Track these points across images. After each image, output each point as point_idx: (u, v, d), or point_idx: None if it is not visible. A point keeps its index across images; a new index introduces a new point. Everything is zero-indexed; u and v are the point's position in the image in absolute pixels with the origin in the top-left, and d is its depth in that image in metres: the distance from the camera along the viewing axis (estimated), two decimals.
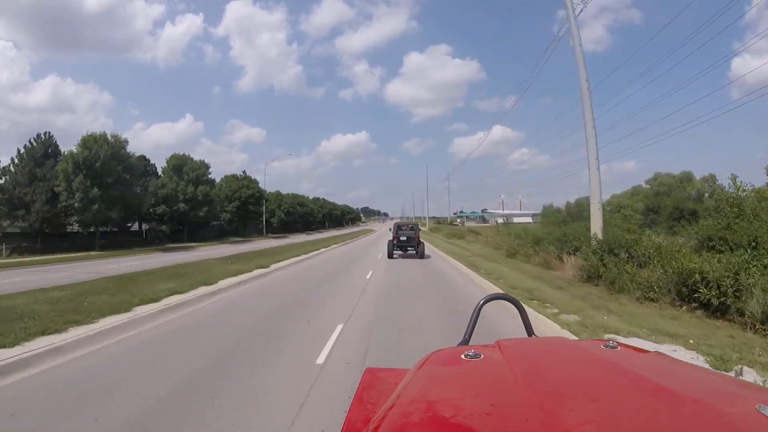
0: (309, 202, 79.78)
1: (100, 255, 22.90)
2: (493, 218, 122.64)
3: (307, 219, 73.76)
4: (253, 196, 50.50)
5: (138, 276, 12.07)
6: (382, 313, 7.69)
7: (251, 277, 12.53)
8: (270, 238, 46.65)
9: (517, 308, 1.34)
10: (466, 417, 0.64)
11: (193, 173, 38.44)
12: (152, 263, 16.93)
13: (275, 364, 4.78)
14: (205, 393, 3.92)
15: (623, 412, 0.61)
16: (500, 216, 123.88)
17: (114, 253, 23.93)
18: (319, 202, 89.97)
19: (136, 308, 7.40)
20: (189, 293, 9.13)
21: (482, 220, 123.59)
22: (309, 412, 3.53)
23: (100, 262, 19.15)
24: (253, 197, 50.31)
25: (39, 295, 8.49)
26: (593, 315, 6.93)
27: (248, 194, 49.67)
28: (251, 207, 50.04)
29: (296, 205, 67.58)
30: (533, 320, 1.93)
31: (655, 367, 0.83)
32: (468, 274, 13.50)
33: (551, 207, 54.30)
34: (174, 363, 4.84)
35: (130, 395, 3.86)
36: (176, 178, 37.33)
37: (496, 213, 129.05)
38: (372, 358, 4.97)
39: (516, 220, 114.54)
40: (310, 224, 76.43)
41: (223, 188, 48.20)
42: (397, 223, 20.40)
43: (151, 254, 24.24)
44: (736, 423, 0.56)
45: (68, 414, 3.50)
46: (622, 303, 8.10)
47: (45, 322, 5.97)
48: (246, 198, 49.33)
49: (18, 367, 4.55)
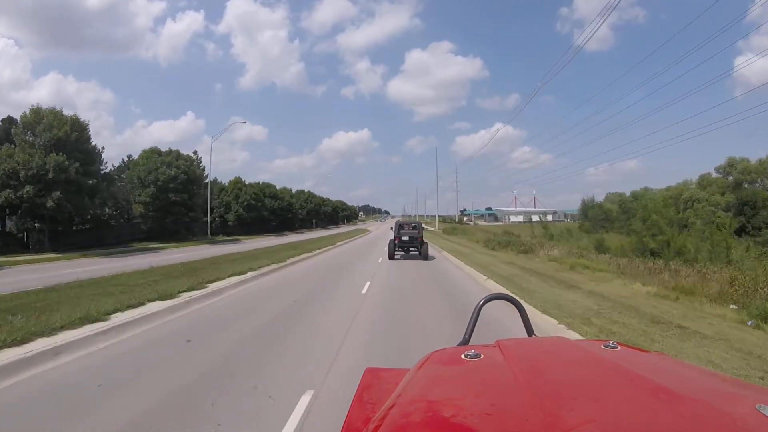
0: (287, 195, 63.50)
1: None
2: (505, 216, 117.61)
3: (284, 216, 58.49)
4: (178, 180, 31.89)
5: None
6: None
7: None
8: (206, 243, 31.39)
9: (517, 308, 1.33)
10: (467, 417, 0.64)
11: (49, 133, 21.77)
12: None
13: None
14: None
15: (623, 412, 0.61)
16: (512, 214, 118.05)
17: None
18: (303, 196, 72.63)
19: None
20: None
21: (493, 219, 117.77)
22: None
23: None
24: (177, 181, 31.88)
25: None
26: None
27: (168, 176, 31.40)
28: (174, 196, 31.82)
29: (267, 197, 51.58)
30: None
31: (656, 367, 0.84)
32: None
33: (591, 201, 46.90)
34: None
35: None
36: (27, 141, 22.07)
37: (508, 210, 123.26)
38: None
39: (535, 218, 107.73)
40: (290, 222, 61.76)
41: (139, 167, 32.20)
42: (398, 222, 19.30)
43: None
44: (736, 423, 0.56)
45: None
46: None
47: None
48: (165, 182, 31.22)
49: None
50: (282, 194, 59.22)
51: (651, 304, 8.07)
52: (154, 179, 31.28)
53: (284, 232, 52.73)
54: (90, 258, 19.92)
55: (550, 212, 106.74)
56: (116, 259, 18.99)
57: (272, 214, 53.48)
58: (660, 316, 6.87)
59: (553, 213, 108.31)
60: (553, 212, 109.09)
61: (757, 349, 5.08)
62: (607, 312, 7.23)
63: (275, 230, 52.87)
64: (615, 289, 9.79)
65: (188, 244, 29.35)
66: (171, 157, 33.09)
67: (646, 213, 18.88)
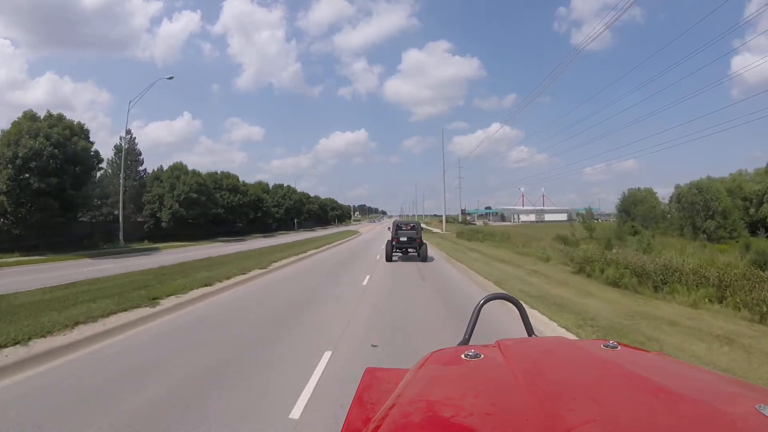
0: (258, 189, 52.06)
1: None
2: (513, 215, 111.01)
3: (252, 215, 47.86)
4: (44, 156, 20.06)
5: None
6: None
7: None
8: (85, 257, 20.05)
9: (517, 308, 1.32)
10: (467, 417, 0.64)
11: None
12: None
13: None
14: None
15: (623, 412, 0.61)
16: (521, 213, 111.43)
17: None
18: (281, 191, 59.10)
19: None
20: None
21: (500, 218, 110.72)
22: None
23: None
24: (44, 159, 20.11)
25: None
26: None
27: (32, 150, 19.74)
28: (38, 182, 20.16)
29: (223, 189, 40.89)
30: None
31: (656, 367, 0.84)
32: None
33: (638, 191, 36.94)
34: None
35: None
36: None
37: (516, 209, 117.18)
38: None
39: (548, 217, 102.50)
40: (262, 222, 51.55)
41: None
42: (396, 222, 18.40)
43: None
44: (736, 423, 0.56)
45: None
46: None
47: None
48: (25, 159, 19.86)
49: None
50: (246, 188, 47.53)
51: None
52: (13, 156, 19.64)
53: (252, 235, 42.74)
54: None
55: (562, 211, 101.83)
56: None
57: (230, 211, 41.91)
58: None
59: (566, 211, 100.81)
60: (566, 210, 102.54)
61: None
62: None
63: (240, 233, 42.51)
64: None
65: (35, 260, 17.88)
66: (47, 123, 21.09)
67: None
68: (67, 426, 3.43)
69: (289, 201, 59.08)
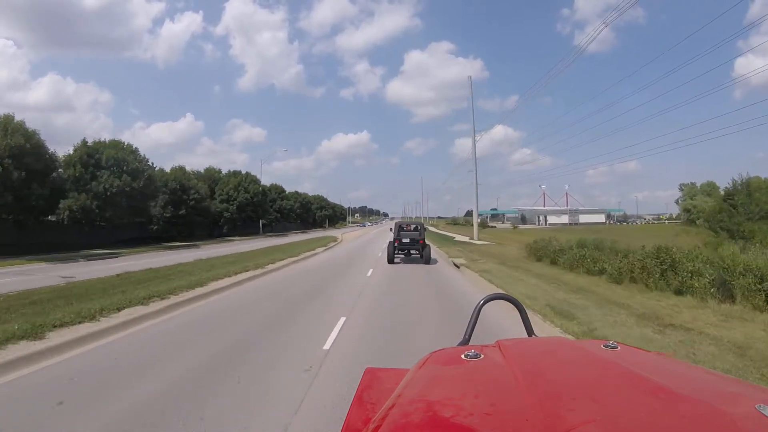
0: (202, 181, 39.82)
1: None
2: (536, 216, 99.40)
3: (189, 217, 34.35)
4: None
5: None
6: None
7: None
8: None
9: (517, 308, 1.32)
10: (467, 417, 0.64)
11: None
12: None
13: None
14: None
15: (623, 412, 0.61)
16: (549, 213, 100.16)
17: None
18: (233, 181, 44.21)
19: None
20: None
21: (521, 220, 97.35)
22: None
23: None
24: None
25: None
26: None
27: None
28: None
29: (124, 172, 25.84)
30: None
31: (656, 367, 0.84)
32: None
33: (756, 179, 29.59)
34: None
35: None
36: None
37: (540, 210, 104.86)
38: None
39: (582, 218, 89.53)
40: (210, 226, 39.83)
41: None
42: (398, 223, 17.89)
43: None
44: (736, 423, 0.56)
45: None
46: None
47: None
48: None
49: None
50: (179, 176, 34.62)
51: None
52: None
53: (190, 242, 30.89)
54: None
55: (599, 211, 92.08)
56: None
57: (136, 211, 27.57)
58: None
59: (603, 210, 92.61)
60: (601, 210, 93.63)
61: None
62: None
63: (166, 239, 30.52)
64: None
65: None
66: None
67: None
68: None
69: (244, 194, 43.33)
